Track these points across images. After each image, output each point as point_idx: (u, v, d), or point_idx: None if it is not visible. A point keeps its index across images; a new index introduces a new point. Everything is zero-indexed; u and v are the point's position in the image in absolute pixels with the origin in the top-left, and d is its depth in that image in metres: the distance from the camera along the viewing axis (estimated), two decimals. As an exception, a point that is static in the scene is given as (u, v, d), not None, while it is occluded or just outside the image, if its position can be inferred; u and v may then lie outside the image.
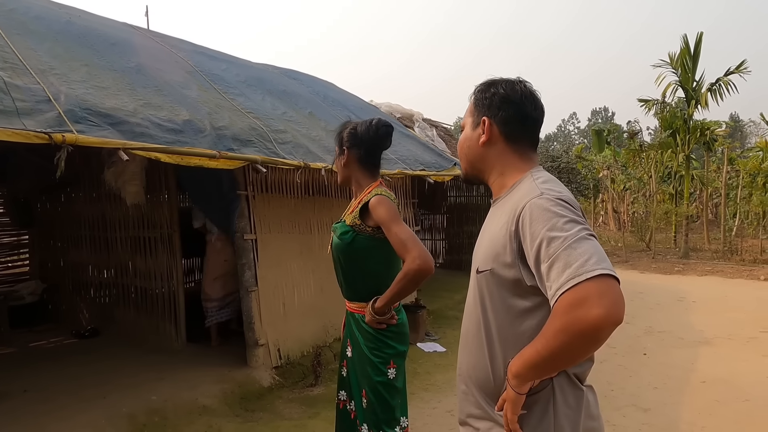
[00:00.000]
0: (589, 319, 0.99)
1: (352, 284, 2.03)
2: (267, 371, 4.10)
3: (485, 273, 1.24)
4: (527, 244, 1.13)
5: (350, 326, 2.07)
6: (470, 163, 1.40)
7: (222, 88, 4.60)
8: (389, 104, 8.52)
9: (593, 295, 0.99)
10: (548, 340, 1.06)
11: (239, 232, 4.15)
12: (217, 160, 3.38)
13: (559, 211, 1.12)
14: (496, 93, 1.33)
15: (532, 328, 1.19)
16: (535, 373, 1.14)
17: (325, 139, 4.91)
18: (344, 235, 1.98)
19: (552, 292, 1.06)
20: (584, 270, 1.01)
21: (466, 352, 1.36)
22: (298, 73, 7.00)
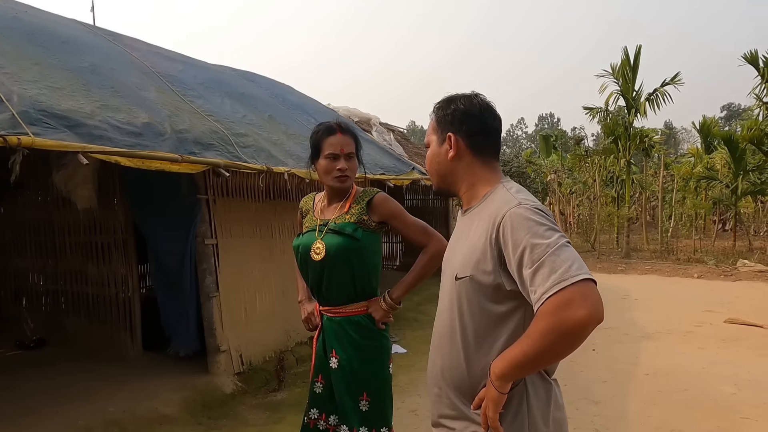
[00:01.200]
0: (575, 319, 1.08)
1: (353, 285, 1.99)
2: (229, 377, 4.05)
3: (464, 279, 1.31)
4: (509, 251, 1.21)
5: (335, 334, 2.01)
6: (441, 177, 1.46)
7: (180, 89, 4.51)
8: (347, 108, 8.56)
9: (578, 298, 1.09)
10: (535, 340, 1.13)
11: (200, 236, 4.08)
12: (180, 164, 3.32)
13: (538, 219, 1.21)
14: (457, 109, 1.41)
15: (508, 332, 1.27)
16: (520, 372, 1.22)
17: (286, 143, 4.91)
18: (355, 231, 1.97)
19: (537, 296, 1.14)
20: (568, 275, 1.11)
21: (439, 355, 1.41)
22: (256, 75, 6.93)
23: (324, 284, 2.02)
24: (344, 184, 2.02)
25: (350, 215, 2.02)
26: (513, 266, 1.20)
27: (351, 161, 2.03)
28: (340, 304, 2.02)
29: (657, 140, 14.21)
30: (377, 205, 2.02)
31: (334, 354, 2.02)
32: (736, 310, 6.96)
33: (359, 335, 2.00)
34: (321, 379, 2.07)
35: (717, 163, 16.24)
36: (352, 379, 1.98)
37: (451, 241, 1.50)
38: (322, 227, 2.04)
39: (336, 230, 1.99)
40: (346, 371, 1.99)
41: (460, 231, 1.44)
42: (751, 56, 11.56)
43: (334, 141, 2.00)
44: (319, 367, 2.08)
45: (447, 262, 1.46)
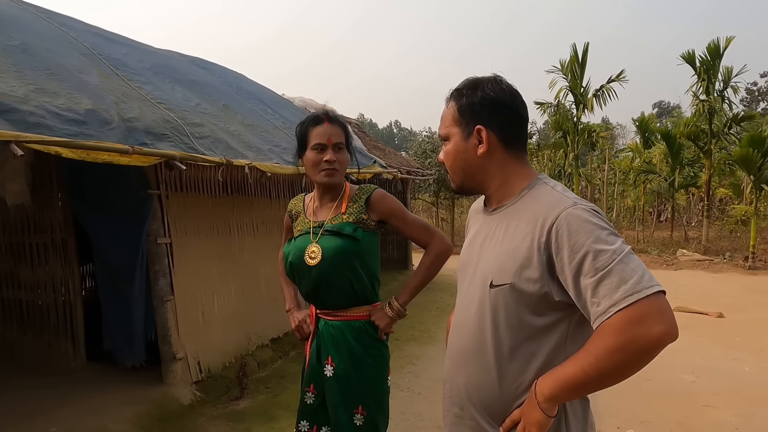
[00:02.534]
0: (650, 336, 0.97)
1: (353, 289, 1.83)
2: (186, 387, 3.75)
3: (502, 287, 1.16)
4: (563, 257, 1.07)
5: (333, 340, 1.85)
6: (468, 175, 1.29)
7: (126, 74, 4.11)
8: (302, 98, 8.25)
9: (654, 312, 0.98)
10: (599, 359, 1.00)
11: (151, 235, 3.74)
12: (130, 155, 2.99)
13: (599, 222, 1.08)
14: (486, 96, 1.23)
15: (550, 347, 1.14)
16: (575, 394, 1.09)
17: (245, 134, 4.61)
18: (355, 232, 1.81)
19: (601, 309, 1.01)
20: (642, 286, 0.99)
21: (463, 373, 1.26)
22: (206, 61, 6.51)
23: (322, 291, 1.84)
24: (332, 178, 1.83)
25: (348, 215, 1.84)
26: (567, 274, 1.07)
27: (340, 153, 1.84)
28: (341, 308, 1.86)
29: (603, 135, 14.73)
30: (376, 203, 1.86)
31: (330, 361, 1.85)
32: (682, 299, 7.28)
33: (359, 343, 1.83)
34: (313, 388, 1.90)
35: (655, 157, 17.08)
36: (348, 390, 1.82)
37: (473, 242, 1.33)
38: (317, 229, 1.85)
39: (334, 231, 1.82)
40: (342, 381, 1.83)
41: (489, 231, 1.27)
42: (688, 56, 12.15)
43: (320, 131, 1.82)
44: (311, 375, 1.90)
45: (472, 267, 1.29)
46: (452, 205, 15.18)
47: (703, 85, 11.98)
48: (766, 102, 38.59)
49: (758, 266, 10.12)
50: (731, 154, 12.03)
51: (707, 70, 11.85)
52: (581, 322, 1.16)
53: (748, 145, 10.00)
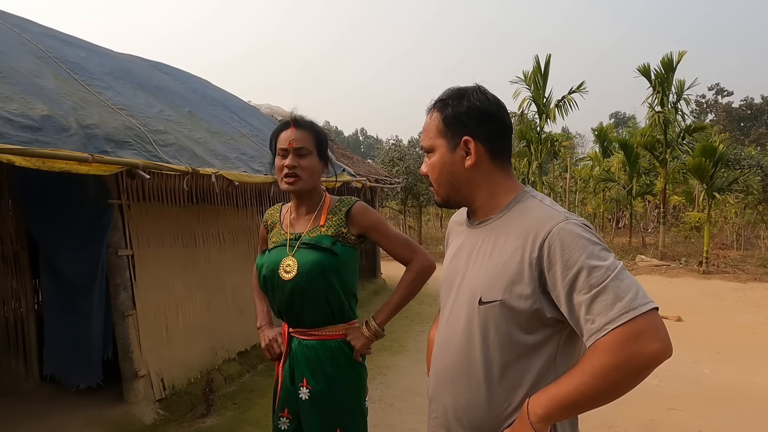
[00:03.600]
0: (647, 354, 0.96)
1: (329, 306, 1.75)
2: (149, 406, 3.58)
3: (492, 304, 1.13)
4: (556, 273, 1.05)
5: (308, 359, 1.76)
6: (454, 189, 1.24)
7: (84, 79, 3.93)
8: (269, 106, 8.14)
9: (650, 329, 0.97)
10: (595, 378, 0.98)
11: (112, 247, 3.57)
12: (90, 164, 2.85)
13: (591, 237, 1.06)
14: (472, 106, 1.20)
15: (540, 364, 1.12)
16: (569, 413, 1.06)
17: (211, 142, 4.48)
18: (333, 246, 1.73)
19: (596, 326, 1.00)
20: (637, 303, 0.98)
21: (450, 392, 1.22)
22: (169, 66, 6.33)
23: (296, 307, 1.75)
24: (293, 186, 1.73)
25: (327, 227, 1.76)
26: (560, 290, 1.05)
27: (303, 159, 1.73)
28: (316, 326, 1.77)
29: (565, 144, 15.13)
30: (356, 216, 1.79)
31: (305, 383, 1.75)
32: (643, 303, 7.51)
33: (335, 364, 1.75)
34: (287, 413, 1.79)
35: (613, 166, 17.68)
36: (325, 414, 1.74)
37: (457, 256, 1.28)
38: (293, 242, 1.77)
39: (311, 244, 1.73)
40: (318, 404, 1.74)
41: (474, 245, 1.23)
42: (644, 69, 12.65)
43: (284, 136, 1.75)
44: (285, 399, 1.80)
45: (457, 282, 1.25)
46: (419, 213, 15.25)
47: (658, 97, 12.49)
48: (714, 114, 40.64)
49: (711, 270, 10.57)
50: (685, 164, 12.57)
51: (662, 82, 12.37)
52: (570, 338, 1.15)
53: (701, 155, 10.46)
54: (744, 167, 12.35)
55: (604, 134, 18.55)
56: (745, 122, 39.00)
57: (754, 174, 12.39)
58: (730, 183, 11.39)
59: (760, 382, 4.53)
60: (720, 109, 40.15)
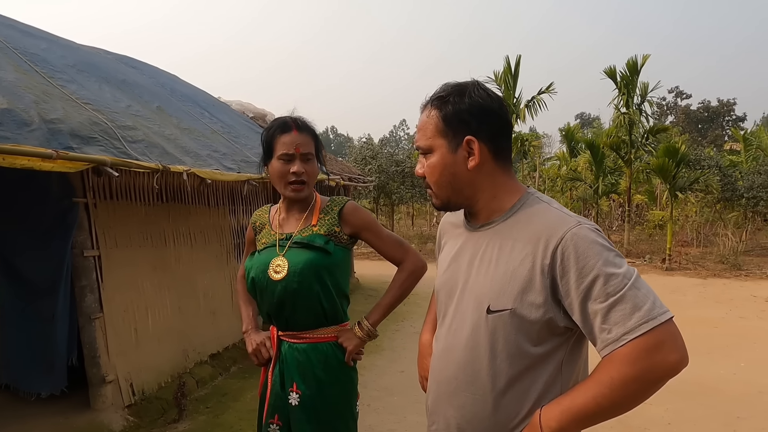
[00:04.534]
0: (666, 365, 0.95)
1: (322, 307, 1.70)
2: (118, 412, 3.45)
3: (502, 314, 1.08)
4: (570, 280, 1.01)
5: (298, 365, 1.70)
6: (456, 191, 1.17)
7: (47, 71, 3.75)
8: (240, 102, 7.96)
9: (669, 340, 0.95)
10: (614, 389, 0.96)
11: (77, 248, 3.42)
12: (54, 161, 2.71)
13: (605, 243, 1.03)
14: (474, 104, 1.13)
15: (547, 375, 1.09)
16: (584, 425, 1.03)
17: (181, 139, 4.35)
18: (326, 245, 1.69)
19: (613, 336, 0.97)
20: (656, 313, 0.96)
21: (453, 405, 1.17)
22: (136, 60, 6.11)
23: (287, 309, 1.70)
24: (300, 193, 1.71)
25: (319, 226, 1.72)
26: (574, 298, 1.01)
27: (309, 164, 1.71)
28: (307, 329, 1.72)
29: (535, 144, 15.39)
30: (349, 215, 1.76)
31: (295, 388, 1.71)
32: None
33: (326, 368, 1.71)
34: (278, 419, 1.73)
35: (580, 165, 18.08)
36: (316, 420, 1.69)
37: (457, 261, 1.22)
38: (283, 242, 1.72)
39: (303, 243, 1.69)
40: (309, 410, 1.69)
41: (477, 250, 1.17)
42: (610, 71, 12.96)
43: (288, 139, 1.69)
44: (274, 405, 1.73)
45: (459, 288, 1.19)
46: (391, 212, 15.26)
47: (623, 99, 12.83)
48: (673, 115, 42.12)
49: (674, 267, 10.93)
50: (648, 164, 12.95)
51: (627, 84, 12.70)
52: (575, 347, 1.13)
53: (664, 156, 10.80)
54: (704, 167, 12.82)
55: (572, 134, 18.96)
56: (703, 124, 40.55)
57: (714, 174, 12.87)
58: (692, 183, 11.81)
59: (723, 374, 4.70)
60: (679, 111, 41.65)
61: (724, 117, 40.27)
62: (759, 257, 12.09)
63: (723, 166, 13.62)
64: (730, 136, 31.20)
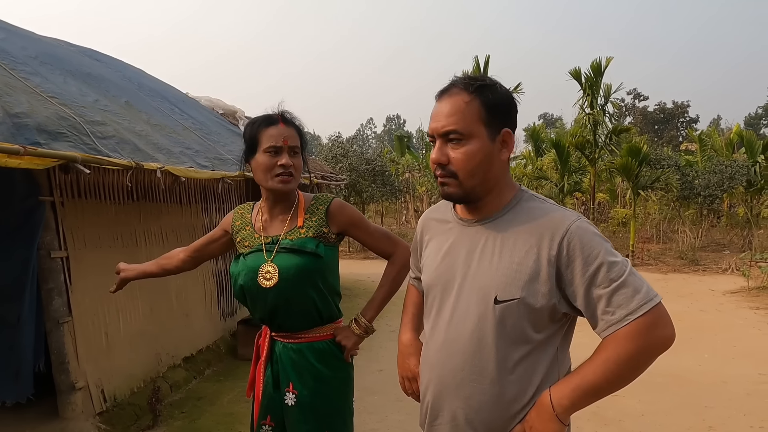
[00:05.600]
0: (663, 338, 1.07)
1: (317, 309, 1.67)
2: (88, 420, 3.30)
3: (510, 303, 1.13)
4: (575, 269, 1.09)
5: (293, 365, 1.67)
6: (485, 180, 1.18)
7: (8, 63, 3.55)
8: (209, 98, 7.76)
9: (664, 317, 1.08)
10: (620, 365, 1.06)
11: (44, 249, 3.25)
12: (21, 157, 2.56)
13: (602, 235, 1.14)
14: (506, 96, 1.18)
15: (548, 360, 1.17)
16: (591, 401, 1.12)
17: (152, 135, 4.19)
18: (318, 248, 1.65)
19: (616, 317, 1.07)
20: (652, 295, 1.08)
21: (461, 395, 1.19)
22: (100, 53, 5.87)
23: (280, 314, 1.66)
24: (287, 185, 1.66)
25: (307, 228, 1.68)
26: (578, 285, 1.09)
27: (296, 158, 1.67)
28: (302, 329, 1.69)
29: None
30: (336, 214, 1.72)
31: (291, 388, 1.67)
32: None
33: (324, 365, 1.68)
34: (270, 420, 1.70)
35: (546, 164, 18.48)
36: (313, 419, 1.66)
37: (452, 255, 1.24)
38: (270, 246, 1.67)
39: (293, 249, 1.64)
40: (305, 409, 1.66)
41: (476, 244, 1.20)
42: (575, 72, 13.29)
43: (275, 132, 1.65)
44: (267, 406, 1.70)
45: (457, 281, 1.21)
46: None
47: (588, 99, 13.18)
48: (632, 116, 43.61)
49: (637, 263, 11.30)
50: (612, 163, 13.34)
51: (591, 86, 13.05)
52: (568, 333, 1.22)
53: (628, 155, 11.15)
54: (664, 167, 13.31)
55: (537, 134, 19.36)
56: (659, 125, 42.14)
57: (673, 173, 13.39)
58: (653, 181, 12.23)
59: (689, 365, 4.88)
60: (637, 113, 43.13)
61: (679, 118, 41.97)
62: (714, 252, 12.64)
63: (681, 166, 14.17)
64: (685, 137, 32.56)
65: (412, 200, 20.68)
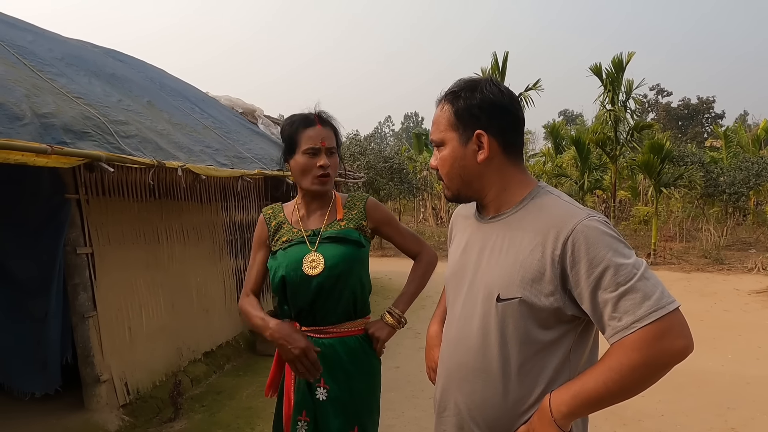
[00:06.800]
0: (674, 351, 0.99)
1: (354, 301, 1.73)
2: (113, 412, 3.40)
3: (511, 302, 1.11)
4: (580, 271, 1.05)
5: (325, 359, 1.68)
6: (466, 183, 1.22)
7: (36, 65, 3.66)
8: (229, 97, 7.86)
9: (676, 327, 1.00)
10: (623, 375, 1.00)
11: (69, 245, 3.35)
12: (49, 156, 2.64)
13: (615, 234, 1.07)
14: (485, 99, 1.17)
15: (557, 361, 1.13)
16: (593, 409, 1.07)
17: (174, 134, 4.28)
18: (360, 238, 1.74)
19: (623, 324, 1.01)
20: (664, 302, 1.00)
21: (463, 392, 1.21)
22: (123, 54, 6.00)
23: (320, 305, 1.70)
24: (325, 186, 1.72)
25: (347, 221, 1.74)
26: (584, 288, 1.04)
27: (333, 158, 1.73)
28: (335, 323, 1.72)
29: (522, 140, 15.48)
30: (372, 210, 1.80)
31: (322, 383, 1.70)
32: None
33: (354, 361, 1.72)
34: (305, 415, 1.72)
35: (565, 162, 18.26)
36: (344, 413, 1.70)
37: (466, 251, 1.26)
38: (312, 237, 1.72)
39: (338, 237, 1.70)
40: (337, 404, 1.69)
41: (487, 241, 1.21)
42: (596, 68, 13.10)
43: (312, 133, 1.69)
44: (301, 402, 1.71)
45: (468, 278, 1.23)
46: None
47: (609, 96, 12.97)
48: (654, 113, 42.77)
49: (659, 262, 11.11)
50: (634, 160, 13.12)
51: (612, 81, 12.85)
52: (583, 334, 1.16)
53: (650, 152, 10.95)
54: (687, 163, 13.04)
55: (557, 131, 19.14)
56: (683, 121, 41.23)
57: (696, 170, 13.11)
58: (676, 179, 12.00)
59: (711, 366, 4.79)
60: (660, 109, 42.27)
61: (704, 114, 41.00)
62: (740, 252, 12.34)
63: (705, 163, 13.86)
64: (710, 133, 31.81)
65: (429, 198, 20.62)
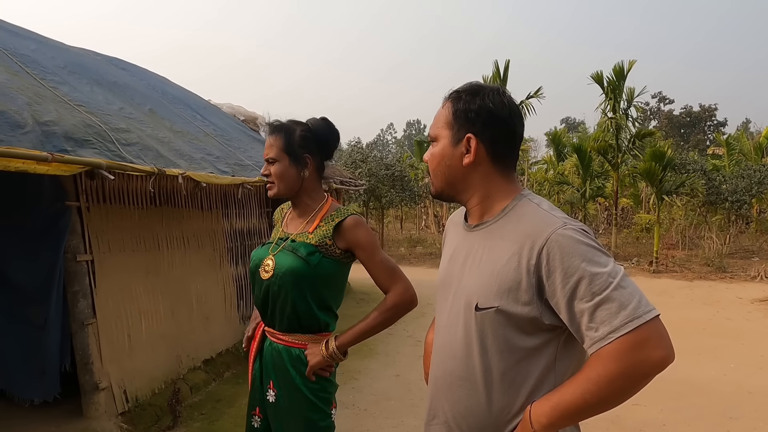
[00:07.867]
0: (652, 361, 0.97)
1: (296, 314, 1.70)
2: (111, 420, 3.38)
3: (488, 311, 1.11)
4: (555, 280, 1.03)
5: (275, 363, 1.72)
6: (448, 182, 1.23)
7: (38, 73, 3.69)
8: (231, 105, 7.90)
9: (654, 337, 0.97)
10: (600, 386, 0.98)
11: (70, 252, 3.36)
12: (49, 163, 2.66)
13: (591, 242, 1.05)
14: (483, 106, 1.17)
15: (540, 368, 1.11)
16: (573, 421, 1.07)
17: (175, 142, 4.30)
18: (310, 255, 1.68)
19: (599, 334, 0.99)
20: (641, 312, 0.98)
21: (449, 400, 1.20)
22: (125, 62, 6.05)
23: (269, 306, 1.74)
24: (270, 192, 1.78)
25: (314, 235, 1.73)
26: (560, 298, 1.03)
27: (272, 166, 1.74)
28: (283, 331, 1.74)
29: (524, 148, 15.53)
30: (345, 230, 1.71)
31: (271, 386, 1.74)
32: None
33: (297, 372, 1.70)
34: (258, 412, 1.78)
35: (567, 169, 18.27)
36: (287, 421, 1.72)
37: (453, 259, 1.26)
38: (279, 242, 1.77)
39: (290, 249, 1.72)
40: (281, 411, 1.73)
41: (469, 249, 1.21)
42: (597, 76, 13.14)
43: (266, 143, 1.79)
44: (255, 398, 1.80)
45: (453, 286, 1.23)
46: (381, 216, 15.25)
47: (610, 104, 13.00)
48: (656, 120, 42.78)
49: (661, 269, 11.08)
50: (636, 167, 13.12)
51: (613, 89, 12.88)
52: (569, 341, 1.14)
53: (651, 160, 10.95)
54: (689, 171, 13.03)
55: (558, 139, 19.16)
56: (685, 129, 41.23)
57: (699, 178, 13.09)
58: (678, 186, 11.99)
59: (713, 375, 4.76)
60: (662, 116, 42.29)
61: (706, 122, 40.99)
62: (742, 260, 12.30)
63: (707, 170, 13.85)
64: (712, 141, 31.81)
65: (431, 205, 20.64)
